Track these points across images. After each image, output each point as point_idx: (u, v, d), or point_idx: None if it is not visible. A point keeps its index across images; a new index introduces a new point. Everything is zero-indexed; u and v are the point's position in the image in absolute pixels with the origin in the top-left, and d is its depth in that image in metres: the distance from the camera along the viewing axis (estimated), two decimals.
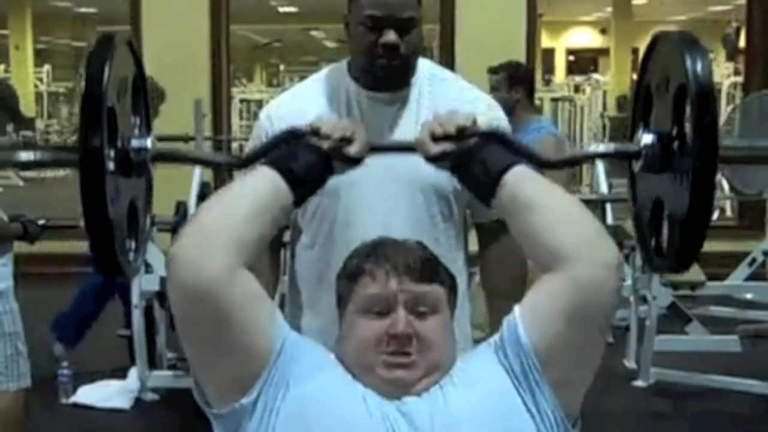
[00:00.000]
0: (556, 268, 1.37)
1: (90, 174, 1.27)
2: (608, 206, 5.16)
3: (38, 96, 14.32)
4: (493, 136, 1.47)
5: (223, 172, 4.99)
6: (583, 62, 20.84)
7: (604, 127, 10.58)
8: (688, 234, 1.34)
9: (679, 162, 1.36)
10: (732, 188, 6.33)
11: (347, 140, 1.44)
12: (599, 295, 1.36)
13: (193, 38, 6.51)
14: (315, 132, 1.44)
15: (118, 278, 1.38)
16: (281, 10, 16.48)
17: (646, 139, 1.42)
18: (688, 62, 1.31)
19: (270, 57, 19.42)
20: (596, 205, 5.31)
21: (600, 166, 5.65)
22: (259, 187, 1.40)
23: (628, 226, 5.38)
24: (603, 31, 20.01)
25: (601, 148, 1.62)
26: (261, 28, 17.73)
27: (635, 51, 16.06)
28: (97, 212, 1.28)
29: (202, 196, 4.84)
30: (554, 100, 12.55)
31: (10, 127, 3.40)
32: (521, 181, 1.41)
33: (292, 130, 1.47)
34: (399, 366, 1.38)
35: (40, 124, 13.53)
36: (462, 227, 1.91)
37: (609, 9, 16.73)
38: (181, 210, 4.77)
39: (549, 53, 20.62)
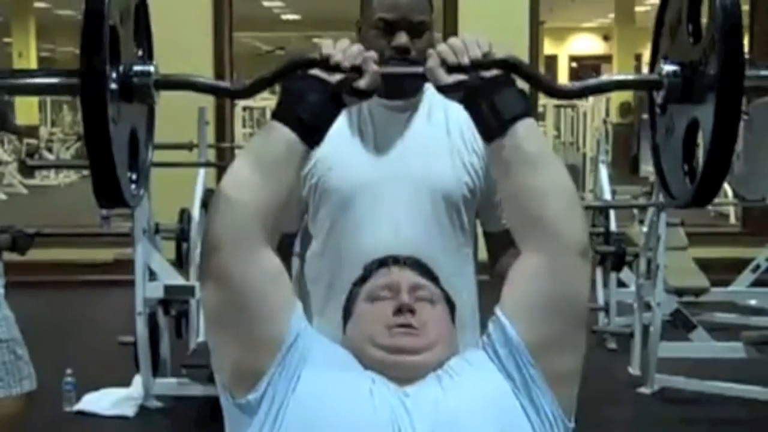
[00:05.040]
0: (532, 242, 1.41)
1: (91, 93, 1.22)
2: (612, 213, 5.15)
3: (41, 104, 14.33)
4: (508, 65, 1.42)
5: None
6: (586, 69, 20.84)
7: (606, 133, 10.57)
8: (719, 149, 1.30)
9: (704, 84, 1.34)
10: (736, 195, 6.32)
11: (357, 69, 1.41)
12: (576, 281, 1.41)
13: (196, 45, 6.50)
14: (325, 60, 1.42)
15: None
16: (284, 17, 16.52)
17: (667, 68, 1.40)
18: None
19: (273, 64, 19.44)
20: (600, 212, 5.31)
21: (603, 172, 5.64)
22: (275, 149, 1.41)
23: (632, 232, 5.38)
24: (606, 38, 20.03)
25: (622, 76, 1.61)
26: (264, 36, 17.76)
27: (638, 57, 16.06)
28: (99, 133, 1.23)
29: (207, 204, 4.84)
30: (557, 106, 12.57)
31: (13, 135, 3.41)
32: (528, 135, 1.41)
33: (299, 60, 1.43)
34: (404, 334, 1.43)
35: (43, 132, 13.55)
36: (471, 235, 1.90)
37: (611, 15, 16.72)
38: (185, 217, 4.77)
39: (552, 60, 20.64)
